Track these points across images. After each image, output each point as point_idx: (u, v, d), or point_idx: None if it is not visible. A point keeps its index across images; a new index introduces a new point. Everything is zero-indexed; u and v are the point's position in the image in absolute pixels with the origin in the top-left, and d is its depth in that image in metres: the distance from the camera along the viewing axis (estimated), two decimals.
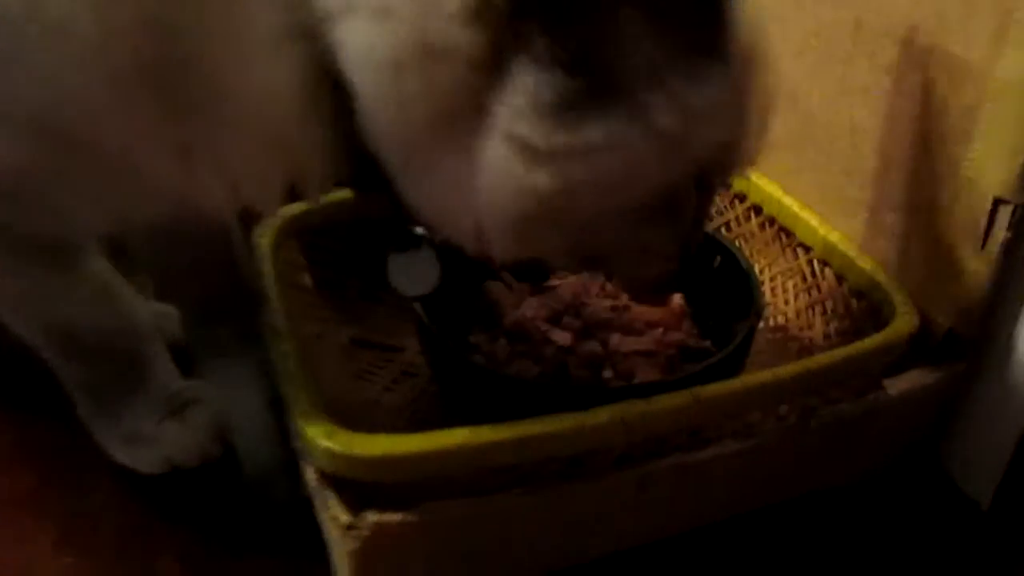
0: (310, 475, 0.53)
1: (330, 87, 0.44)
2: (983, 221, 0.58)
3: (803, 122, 0.72)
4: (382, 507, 0.50)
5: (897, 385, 0.62)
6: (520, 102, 0.43)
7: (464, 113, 0.44)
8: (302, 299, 0.73)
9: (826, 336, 0.71)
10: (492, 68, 0.42)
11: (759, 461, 0.59)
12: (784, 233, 0.75)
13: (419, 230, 0.55)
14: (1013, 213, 0.57)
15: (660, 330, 0.67)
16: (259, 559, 0.60)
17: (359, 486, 0.51)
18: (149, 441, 0.64)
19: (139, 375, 0.64)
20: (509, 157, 0.44)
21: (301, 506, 0.57)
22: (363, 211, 0.66)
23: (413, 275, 0.56)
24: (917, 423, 0.66)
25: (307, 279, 0.76)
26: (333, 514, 0.51)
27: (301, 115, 0.46)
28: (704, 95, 0.44)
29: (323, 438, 0.49)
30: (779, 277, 0.76)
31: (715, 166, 0.50)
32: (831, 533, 0.63)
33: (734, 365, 0.60)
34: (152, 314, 0.75)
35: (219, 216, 0.53)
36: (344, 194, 0.57)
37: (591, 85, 0.42)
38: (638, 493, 0.56)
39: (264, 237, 0.68)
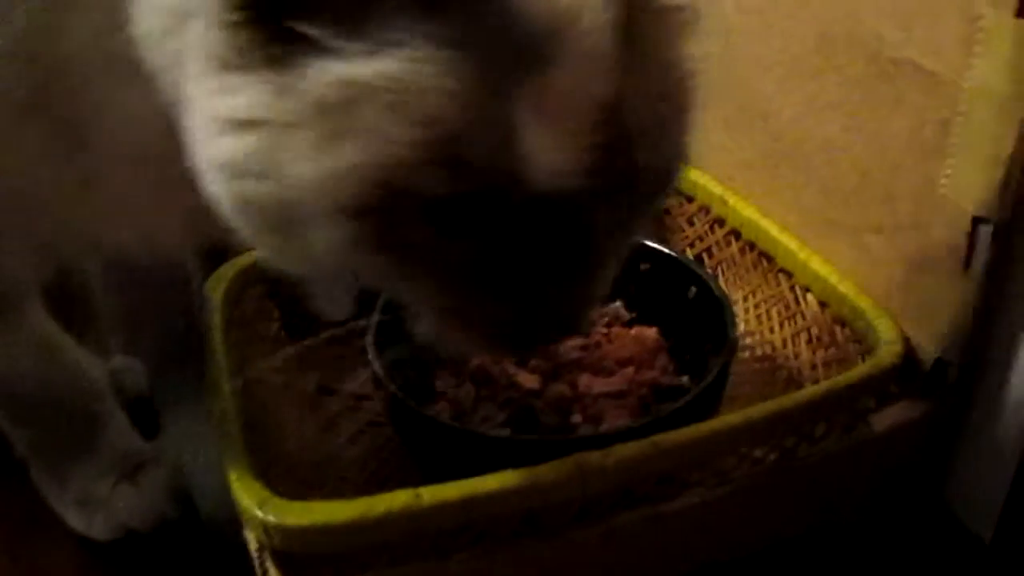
0: (251, 543, 0.51)
1: None
2: (964, 241, 0.55)
3: (775, 140, 0.69)
4: None
5: (883, 420, 0.58)
6: (198, 63, 0.36)
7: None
8: (268, 348, 0.71)
9: (813, 366, 0.67)
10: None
11: (736, 508, 0.56)
12: (765, 258, 0.72)
13: None
14: (995, 232, 0.53)
15: (632, 369, 0.64)
16: None
17: (300, 555, 0.48)
18: (102, 505, 0.62)
19: (89, 435, 0.62)
20: (199, 128, 0.38)
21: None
22: None
23: (331, 299, 0.52)
24: (906, 460, 0.61)
25: (275, 327, 0.74)
26: None
27: (174, 141, 0.42)
28: (388, 68, 0.33)
29: (256, 508, 0.46)
30: (763, 304, 0.73)
31: (459, 182, 0.35)
32: (830, 571, 0.59)
33: (707, 405, 0.57)
34: (114, 369, 0.73)
35: (136, 256, 0.51)
36: None
37: (256, 43, 0.34)
38: (602, 549, 0.53)
39: (216, 290, 0.65)
